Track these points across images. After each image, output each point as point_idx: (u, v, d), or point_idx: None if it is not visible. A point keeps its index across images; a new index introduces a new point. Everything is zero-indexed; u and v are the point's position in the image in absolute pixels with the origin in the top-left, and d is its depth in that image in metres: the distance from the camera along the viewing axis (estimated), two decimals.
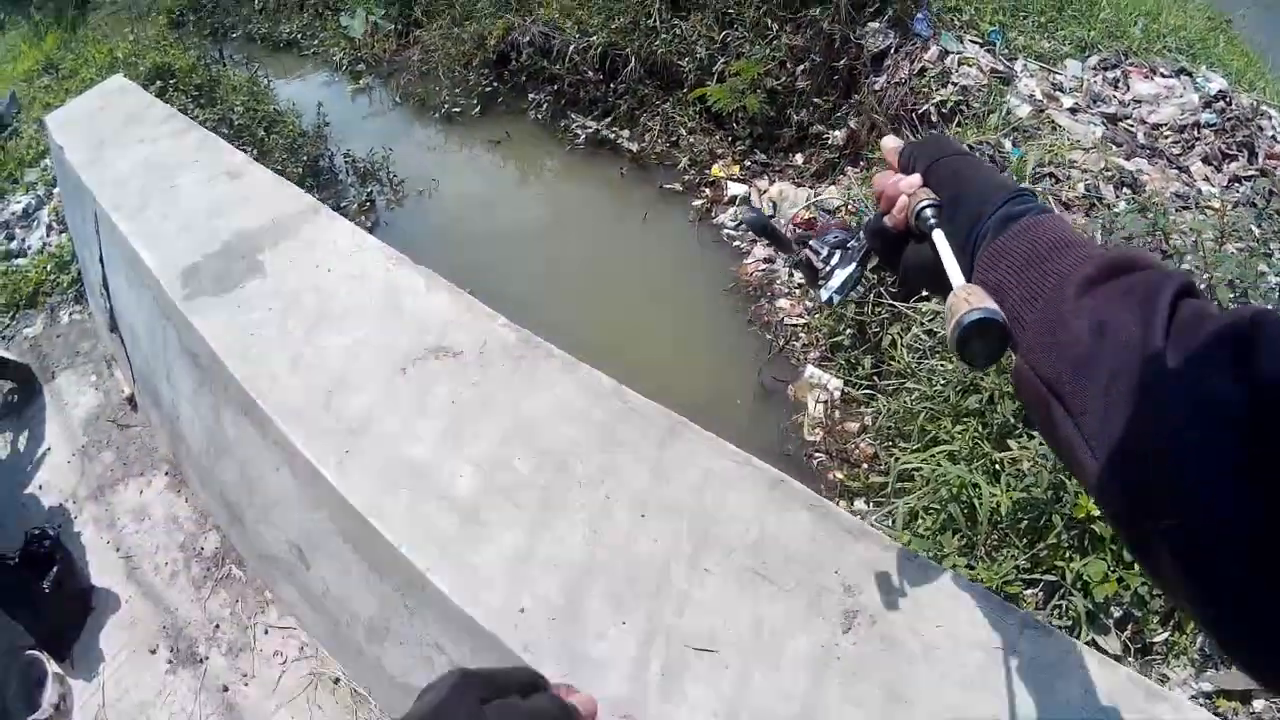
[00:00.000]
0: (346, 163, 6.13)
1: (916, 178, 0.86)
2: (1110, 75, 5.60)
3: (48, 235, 5.64)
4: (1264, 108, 5.14)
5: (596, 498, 1.76)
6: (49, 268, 5.20)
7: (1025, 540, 2.64)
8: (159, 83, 6.45)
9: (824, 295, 0.98)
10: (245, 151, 5.61)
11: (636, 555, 1.64)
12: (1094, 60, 5.70)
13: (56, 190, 5.63)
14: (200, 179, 3.10)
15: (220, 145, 3.40)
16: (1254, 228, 3.74)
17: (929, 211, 0.82)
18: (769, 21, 5.58)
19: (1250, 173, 4.66)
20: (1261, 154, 4.76)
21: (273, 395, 2.13)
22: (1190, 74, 5.49)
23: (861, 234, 0.96)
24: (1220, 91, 5.16)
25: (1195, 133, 4.96)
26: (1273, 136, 4.98)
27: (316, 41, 8.99)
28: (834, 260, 0.97)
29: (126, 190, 3.10)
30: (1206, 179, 4.64)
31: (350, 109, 7.50)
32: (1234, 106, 5.03)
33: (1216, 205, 4.13)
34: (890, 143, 0.94)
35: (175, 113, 3.79)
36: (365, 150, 6.14)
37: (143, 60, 6.96)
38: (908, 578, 1.56)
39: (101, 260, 3.43)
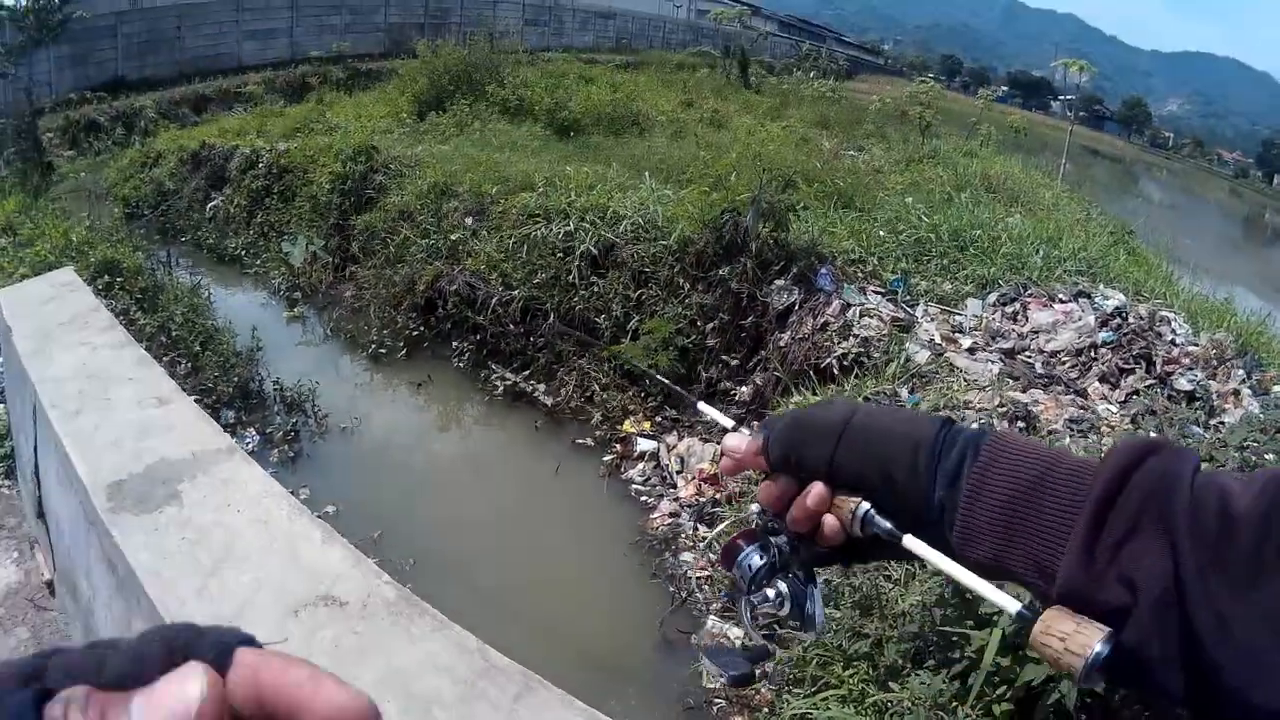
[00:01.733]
0: (275, 390, 6.27)
1: (822, 489, 0.69)
2: (1009, 309, 5.86)
3: None
4: (1162, 313, 5.36)
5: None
6: None
7: None
8: (106, 277, 6.57)
9: (814, 633, 0.82)
10: (180, 364, 5.84)
11: None
12: (994, 296, 5.97)
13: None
14: (133, 398, 3.30)
15: (155, 368, 3.61)
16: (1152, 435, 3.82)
17: (880, 519, 0.68)
18: (681, 280, 5.89)
19: (1148, 382, 4.79)
20: (1159, 361, 4.95)
21: (180, 618, 2.25)
22: (1089, 295, 5.77)
23: (788, 566, 0.78)
24: (1117, 307, 5.40)
25: (1093, 353, 5.16)
26: (1171, 341, 5.16)
27: (259, 261, 9.32)
28: (783, 596, 0.78)
29: (65, 392, 3.30)
30: (1104, 398, 4.78)
31: (284, 334, 7.71)
32: (1131, 320, 5.25)
33: (1115, 423, 4.23)
34: (736, 441, 0.76)
35: (116, 323, 4.00)
36: (294, 379, 6.32)
37: (94, 250, 7.10)
38: None
39: (36, 449, 3.59)
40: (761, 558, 0.78)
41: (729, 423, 0.83)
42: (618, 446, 5.67)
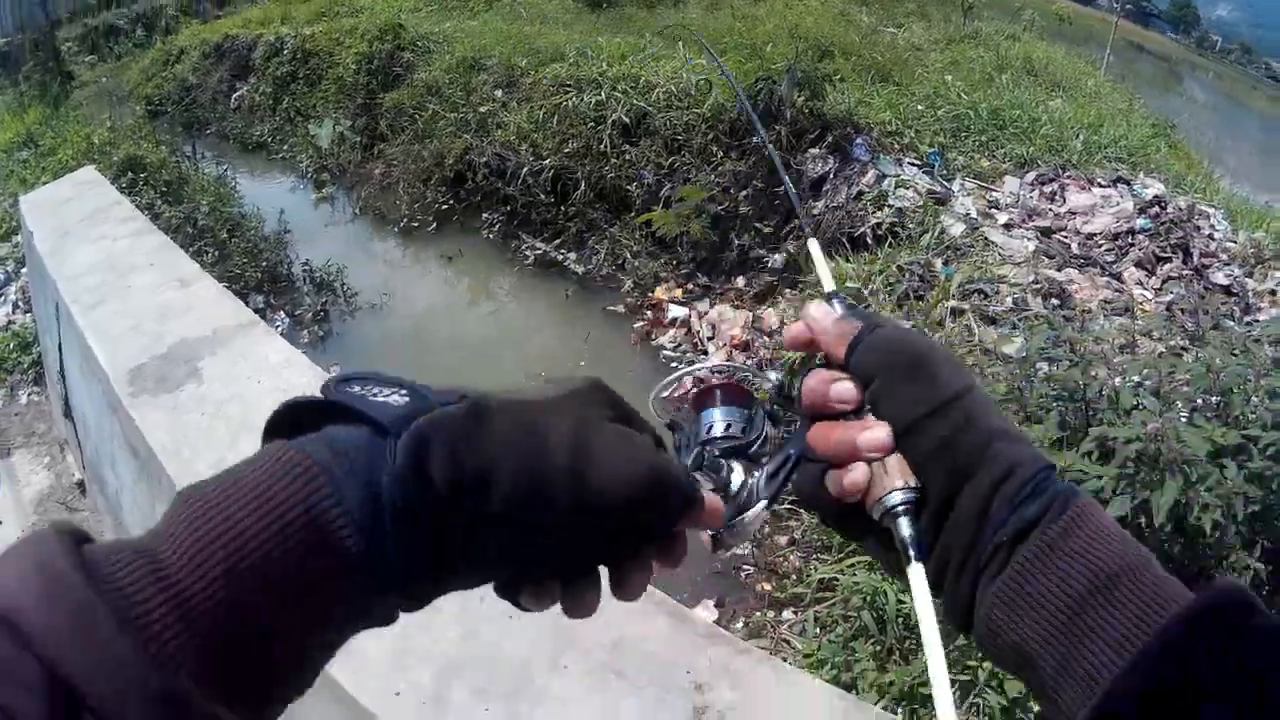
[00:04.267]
0: (304, 272, 6.27)
1: (885, 433, 0.52)
2: (1047, 189, 5.76)
3: (13, 313, 5.75)
4: (1201, 208, 5.26)
5: (471, 598, 2.00)
6: (11, 346, 5.29)
7: None
8: (130, 174, 6.58)
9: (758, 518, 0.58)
10: (207, 253, 5.74)
11: (503, 651, 1.81)
12: (1032, 175, 5.86)
13: (25, 270, 5.71)
14: (153, 283, 3.31)
15: (175, 253, 3.60)
16: (1188, 324, 3.78)
17: (905, 524, 0.50)
18: (714, 148, 5.81)
19: (1185, 272, 4.75)
20: (1196, 253, 4.87)
21: None
22: (1128, 182, 5.66)
23: (756, 461, 0.60)
24: (1156, 196, 5.31)
25: (1130, 239, 5.08)
26: (1209, 235, 5.07)
27: (286, 147, 9.24)
28: (743, 485, 0.58)
29: (86, 285, 3.30)
30: (1140, 283, 4.72)
31: (312, 216, 7.68)
32: (1170, 210, 5.16)
33: (1149, 307, 4.19)
34: (822, 312, 0.57)
35: (137, 213, 3.99)
36: (323, 260, 6.29)
37: (117, 150, 7.12)
38: (759, 677, 1.70)
39: (60, 347, 3.61)
40: (734, 427, 0.60)
41: (830, 282, 0.64)
42: (649, 313, 5.67)
